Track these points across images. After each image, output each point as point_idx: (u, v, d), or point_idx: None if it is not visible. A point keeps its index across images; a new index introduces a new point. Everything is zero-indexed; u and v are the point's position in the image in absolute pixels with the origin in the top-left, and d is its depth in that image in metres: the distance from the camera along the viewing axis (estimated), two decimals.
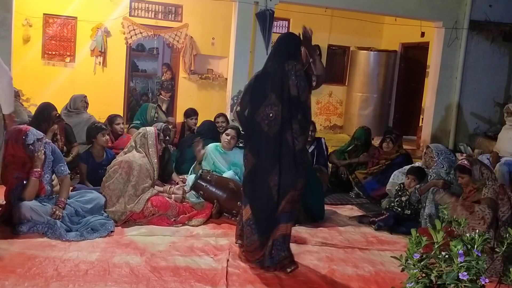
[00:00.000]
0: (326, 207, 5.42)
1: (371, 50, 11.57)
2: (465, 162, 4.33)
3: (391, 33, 11.64)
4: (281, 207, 3.68)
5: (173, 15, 10.67)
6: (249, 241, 3.78)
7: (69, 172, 4.63)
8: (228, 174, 5.20)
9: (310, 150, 6.22)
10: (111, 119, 6.23)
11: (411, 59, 11.54)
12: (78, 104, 6.68)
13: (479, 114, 9.61)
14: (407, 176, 5.26)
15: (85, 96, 6.84)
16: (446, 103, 9.44)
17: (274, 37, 9.31)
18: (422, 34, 10.50)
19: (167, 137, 5.76)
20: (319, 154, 6.29)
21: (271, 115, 3.65)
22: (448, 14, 9.16)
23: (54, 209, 4.17)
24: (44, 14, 9.77)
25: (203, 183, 4.95)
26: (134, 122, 6.89)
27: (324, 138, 6.71)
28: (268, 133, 3.67)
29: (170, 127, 6.25)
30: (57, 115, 5.93)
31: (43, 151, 4.26)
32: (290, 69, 3.68)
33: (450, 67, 9.33)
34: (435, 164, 5.07)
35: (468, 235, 2.17)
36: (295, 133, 3.65)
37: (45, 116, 5.80)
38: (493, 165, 6.25)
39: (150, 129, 5.03)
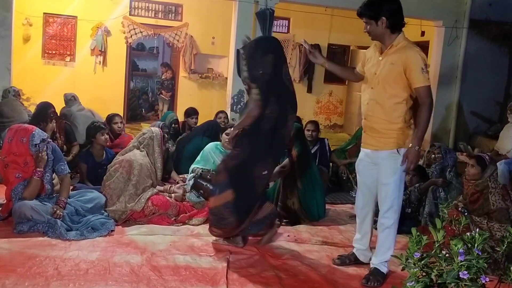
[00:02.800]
0: (327, 206, 5.42)
1: None
2: (486, 156, 4.34)
3: None
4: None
5: (173, 14, 10.67)
6: (225, 223, 3.98)
7: (69, 171, 4.63)
8: None
9: (313, 151, 6.22)
10: (110, 118, 6.24)
11: None
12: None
13: (479, 113, 9.60)
14: (408, 173, 5.25)
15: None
16: (446, 102, 9.43)
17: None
18: (422, 33, 10.49)
19: (166, 135, 5.77)
20: (321, 155, 6.29)
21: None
22: (448, 13, 9.16)
23: (54, 209, 4.17)
24: (44, 13, 9.79)
25: (203, 182, 4.95)
26: None
27: (327, 139, 6.71)
28: (266, 128, 3.91)
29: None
30: (53, 112, 5.94)
31: (45, 152, 4.27)
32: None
33: (450, 66, 9.32)
34: (442, 161, 5.12)
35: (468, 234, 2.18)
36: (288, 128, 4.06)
37: (43, 115, 5.81)
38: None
39: (156, 130, 5.04)
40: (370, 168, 3.70)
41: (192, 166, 5.32)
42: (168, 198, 4.80)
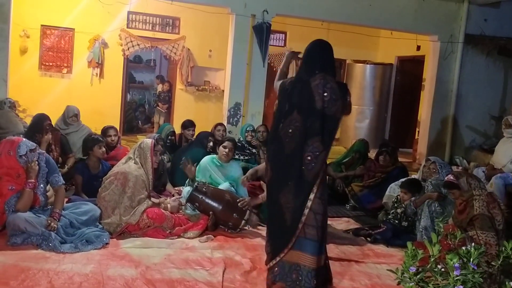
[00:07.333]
0: None
1: (367, 63, 11.62)
2: (451, 177, 4.27)
3: (387, 47, 11.70)
4: (298, 231, 3.43)
5: (170, 27, 10.71)
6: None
7: (64, 182, 4.58)
8: (224, 186, 5.17)
9: None
10: (104, 131, 6.22)
11: (407, 72, 11.59)
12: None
13: (475, 127, 9.65)
14: (400, 190, 5.28)
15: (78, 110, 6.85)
16: (441, 116, 9.48)
17: (271, 50, 9.42)
18: (418, 48, 10.56)
19: (161, 147, 5.75)
20: None
21: (290, 131, 3.51)
22: (443, 28, 9.24)
23: (49, 221, 4.14)
24: (41, 25, 9.79)
25: (198, 195, 4.93)
26: None
27: None
28: (285, 150, 3.52)
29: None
30: (49, 124, 5.92)
31: (36, 162, 4.24)
32: (318, 83, 3.51)
33: (446, 80, 9.38)
34: (438, 176, 5.11)
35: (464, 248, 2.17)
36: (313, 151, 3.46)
37: (39, 127, 5.80)
38: (488, 178, 6.26)
39: (147, 140, 5.02)
40: None
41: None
42: (163, 211, 4.78)
